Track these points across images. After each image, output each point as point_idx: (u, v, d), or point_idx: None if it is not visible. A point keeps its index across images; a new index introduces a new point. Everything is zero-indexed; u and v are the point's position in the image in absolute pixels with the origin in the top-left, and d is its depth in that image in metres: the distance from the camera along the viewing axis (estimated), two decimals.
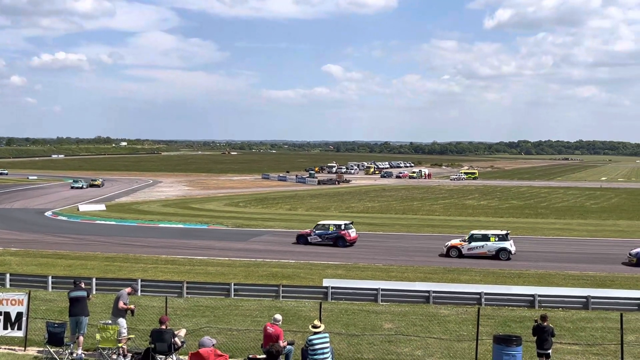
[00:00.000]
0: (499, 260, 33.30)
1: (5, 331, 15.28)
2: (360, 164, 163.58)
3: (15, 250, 35.41)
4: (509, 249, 34.18)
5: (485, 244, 34.74)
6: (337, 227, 39.57)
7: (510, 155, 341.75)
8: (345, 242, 38.66)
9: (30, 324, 15.57)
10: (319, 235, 39.47)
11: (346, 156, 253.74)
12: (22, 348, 15.22)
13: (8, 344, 15.41)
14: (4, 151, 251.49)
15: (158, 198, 78.21)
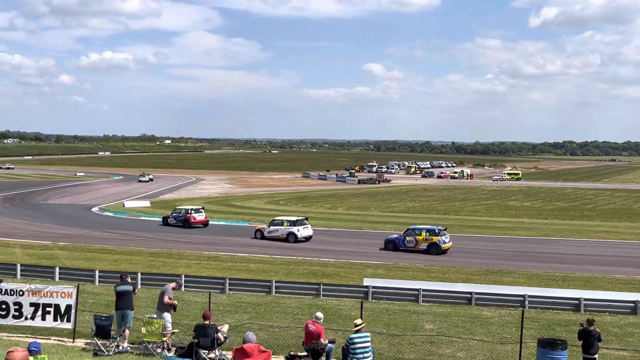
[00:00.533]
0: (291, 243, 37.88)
1: (55, 323, 15.72)
2: (401, 163, 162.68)
3: (64, 244, 36.36)
4: (296, 233, 39.34)
5: (279, 228, 40.12)
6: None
7: (555, 155, 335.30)
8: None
9: (78, 317, 15.97)
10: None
11: (387, 155, 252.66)
12: (71, 340, 15.63)
13: (58, 335, 15.85)
14: (53, 148, 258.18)
15: (201, 195, 79.20)
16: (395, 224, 49.58)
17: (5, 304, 15.81)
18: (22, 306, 15.79)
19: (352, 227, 47.58)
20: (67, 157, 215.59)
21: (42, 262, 29.05)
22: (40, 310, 15.73)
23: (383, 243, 37.30)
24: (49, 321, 15.75)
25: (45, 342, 14.23)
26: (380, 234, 43.84)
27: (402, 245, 36.35)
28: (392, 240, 37.09)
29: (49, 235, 40.32)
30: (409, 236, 36.31)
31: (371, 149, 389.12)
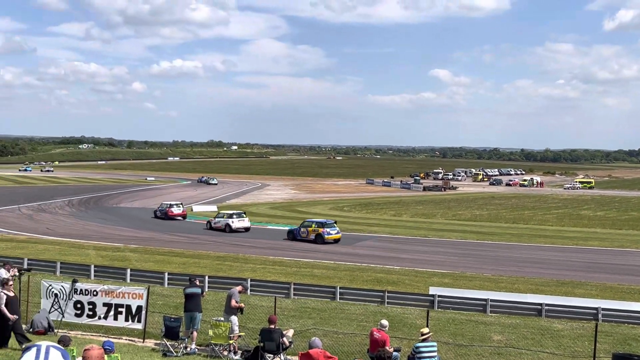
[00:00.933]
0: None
1: (127, 323, 16.17)
2: (468, 170, 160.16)
3: (135, 247, 37.45)
4: (230, 224, 46.14)
5: (220, 220, 47.40)
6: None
7: (630, 164, 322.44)
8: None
9: (148, 318, 16.36)
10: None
11: (453, 162, 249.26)
12: (141, 340, 16.03)
13: (129, 335, 16.29)
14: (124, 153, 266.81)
15: (266, 200, 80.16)
16: (462, 232, 48.82)
17: (80, 303, 16.37)
18: (95, 306, 16.30)
19: (417, 234, 47.10)
20: (138, 162, 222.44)
21: (114, 263, 29.96)
22: (112, 310, 16.20)
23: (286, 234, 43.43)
24: (120, 321, 16.20)
25: (117, 342, 14.63)
26: (447, 242, 43.30)
27: (298, 236, 41.98)
28: (292, 231, 43.06)
29: (121, 238, 41.61)
30: (303, 227, 42.02)
31: (437, 156, 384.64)
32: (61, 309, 16.33)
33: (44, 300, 16.54)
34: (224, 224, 46.80)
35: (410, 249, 39.45)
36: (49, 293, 16.56)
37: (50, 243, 38.21)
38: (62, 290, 16.46)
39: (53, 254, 32.76)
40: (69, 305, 16.38)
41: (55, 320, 16.21)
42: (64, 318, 16.34)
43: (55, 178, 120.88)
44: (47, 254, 32.34)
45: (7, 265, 16.75)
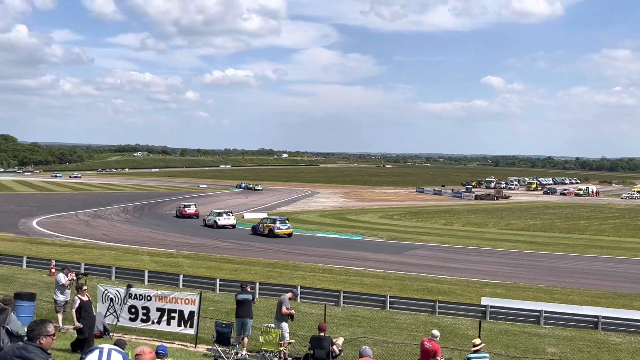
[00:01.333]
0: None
1: (179, 328, 16.44)
2: (521, 179, 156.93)
3: (187, 253, 38.07)
4: (217, 221, 54.22)
5: (210, 217, 55.85)
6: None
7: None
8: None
9: (200, 323, 16.60)
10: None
11: (505, 171, 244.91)
12: (193, 345, 16.27)
13: (181, 340, 16.56)
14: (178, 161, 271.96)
15: (316, 208, 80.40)
16: (515, 241, 47.95)
17: (134, 307, 16.74)
18: (149, 310, 16.64)
19: (468, 244, 46.48)
20: (190, 169, 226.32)
21: (167, 269, 30.52)
22: (165, 315, 16.50)
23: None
24: (173, 326, 16.48)
25: (169, 346, 14.88)
26: (499, 252, 42.60)
27: (258, 231, 49.48)
28: (255, 226, 50.91)
29: (174, 244, 42.37)
30: (261, 224, 50.04)
31: (489, 164, 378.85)
32: (116, 313, 16.73)
33: (100, 304, 16.96)
34: (212, 221, 54.84)
35: (461, 259, 38.94)
36: (105, 297, 16.98)
37: (106, 248, 39.21)
38: (117, 294, 16.87)
39: (109, 259, 33.60)
40: (123, 310, 16.76)
41: (110, 324, 16.61)
42: (119, 322, 16.73)
43: (111, 185, 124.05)
44: (103, 259, 33.19)
45: (66, 269, 17.27)
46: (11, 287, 22.17)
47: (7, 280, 25.05)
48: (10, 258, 31.62)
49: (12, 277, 26.45)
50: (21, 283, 24.66)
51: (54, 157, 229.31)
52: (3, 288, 21.21)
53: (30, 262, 30.49)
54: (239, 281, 23.31)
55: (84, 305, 14.34)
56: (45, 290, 21.05)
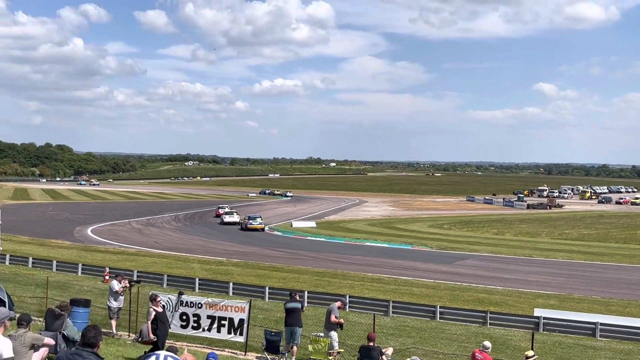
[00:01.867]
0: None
1: (229, 335, 16.57)
2: (575, 187, 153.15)
3: (237, 261, 38.45)
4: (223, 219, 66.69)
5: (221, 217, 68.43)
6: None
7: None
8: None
9: (250, 331, 16.69)
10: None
11: (558, 179, 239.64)
12: (243, 353, 16.37)
13: (231, 347, 16.68)
14: (227, 170, 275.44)
15: (364, 217, 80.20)
16: (569, 251, 46.82)
17: (185, 315, 16.96)
18: (200, 318, 16.82)
19: (520, 254, 45.57)
20: (240, 178, 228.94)
21: (217, 277, 30.87)
22: (216, 323, 16.65)
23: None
24: (223, 333, 16.62)
25: (220, 354, 15.04)
26: (552, 262, 41.66)
27: (244, 226, 60.09)
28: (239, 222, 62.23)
29: (224, 252, 42.87)
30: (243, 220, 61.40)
31: (541, 173, 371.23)
32: (168, 320, 16.97)
33: None
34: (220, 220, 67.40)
35: (513, 269, 38.21)
36: None
37: (157, 256, 39.95)
38: (169, 302, 17.10)
39: (160, 266, 34.22)
40: (175, 317, 16.97)
41: None
42: (170, 329, 16.96)
43: (162, 194, 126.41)
44: (155, 267, 33.82)
45: (119, 276, 17.62)
46: (67, 293, 22.81)
47: (64, 286, 25.75)
48: (67, 265, 32.57)
49: (68, 283, 27.20)
50: (77, 289, 25.34)
51: (107, 167, 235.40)
52: (59, 294, 21.81)
53: (85, 269, 31.32)
54: (288, 289, 23.41)
55: (159, 316, 14.26)
56: (99, 297, 21.56)
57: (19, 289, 23.35)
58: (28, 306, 19.25)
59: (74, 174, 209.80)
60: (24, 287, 24.83)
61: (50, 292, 20.17)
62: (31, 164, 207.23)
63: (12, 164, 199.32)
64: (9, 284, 23.42)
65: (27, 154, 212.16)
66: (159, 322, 14.18)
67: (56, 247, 43.72)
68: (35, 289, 24.11)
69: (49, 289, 20.17)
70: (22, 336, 8.19)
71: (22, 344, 8.09)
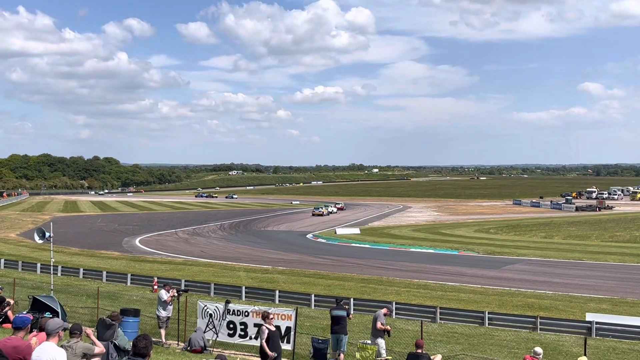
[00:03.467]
0: None
1: None
2: (625, 188, 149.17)
3: (282, 269, 38.60)
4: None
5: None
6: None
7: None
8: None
9: (297, 339, 16.70)
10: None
11: (608, 180, 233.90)
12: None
13: None
14: (271, 178, 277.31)
15: (408, 223, 79.63)
16: (620, 254, 45.59)
17: (232, 323, 17.07)
18: (247, 326, 16.90)
19: (570, 257, 44.54)
20: (283, 186, 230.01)
21: (263, 285, 31.04)
22: None
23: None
24: None
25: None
26: (603, 266, 40.64)
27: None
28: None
29: (269, 260, 43.08)
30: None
31: (589, 174, 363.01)
32: (215, 329, 17.12)
33: (200, 319, 17.41)
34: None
35: (563, 273, 37.37)
36: (204, 313, 17.42)
37: (204, 265, 40.39)
38: (217, 310, 17.26)
39: (207, 275, 34.59)
40: (222, 325, 17.11)
41: (209, 340, 17.02)
42: (218, 337, 17.10)
43: (208, 203, 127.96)
44: (202, 276, 34.21)
45: (167, 286, 17.86)
46: (117, 303, 23.24)
47: (114, 296, 26.25)
48: (116, 275, 33.23)
49: (118, 293, 27.72)
50: (126, 299, 25.80)
51: (153, 178, 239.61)
52: (110, 304, 22.24)
53: (134, 279, 31.89)
54: (333, 297, 23.33)
55: (272, 335, 13.68)
56: (148, 306, 21.90)
57: (71, 300, 23.90)
58: (80, 316, 19.68)
59: (122, 185, 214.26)
60: (76, 297, 25.41)
61: (101, 302, 20.60)
62: (80, 177, 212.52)
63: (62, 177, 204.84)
64: (62, 294, 24.02)
65: (76, 167, 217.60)
66: (271, 341, 13.46)
67: (106, 257, 44.64)
68: (86, 299, 24.64)
69: (100, 299, 20.59)
70: (73, 346, 8.36)
71: (74, 353, 8.26)
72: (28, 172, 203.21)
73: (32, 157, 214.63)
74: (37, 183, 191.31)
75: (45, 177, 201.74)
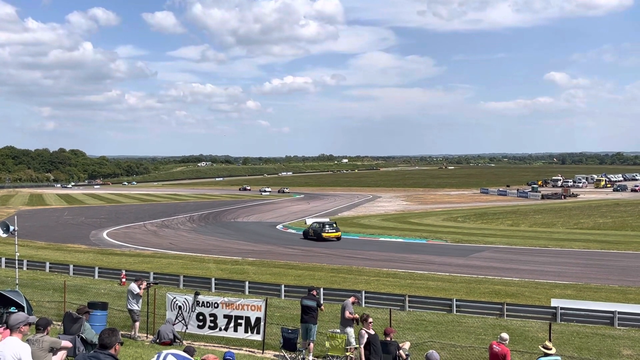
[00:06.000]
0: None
1: (246, 334, 16.62)
2: (589, 176, 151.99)
3: (252, 260, 38.55)
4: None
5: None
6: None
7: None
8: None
9: (267, 329, 16.74)
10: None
11: (572, 169, 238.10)
12: (261, 351, 16.41)
13: (248, 346, 16.73)
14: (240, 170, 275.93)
15: (378, 212, 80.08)
16: (585, 241, 46.51)
17: (202, 315, 17.03)
18: (216, 317, 16.88)
19: (536, 244, 45.32)
20: (253, 177, 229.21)
21: (233, 276, 30.98)
22: (232, 322, 16.70)
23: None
24: (240, 332, 16.67)
25: (237, 352, 15.09)
26: (568, 252, 41.40)
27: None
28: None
29: (239, 251, 42.98)
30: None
31: (555, 162, 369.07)
32: (185, 321, 17.06)
33: (169, 312, 17.33)
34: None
35: (529, 260, 38.02)
36: (174, 305, 17.34)
37: (173, 257, 40.13)
38: (186, 302, 17.20)
39: (176, 267, 34.38)
40: (192, 317, 17.06)
41: (179, 332, 16.95)
42: (187, 329, 17.05)
43: (176, 195, 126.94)
44: (171, 268, 33.99)
45: (139, 280, 17.66)
46: (85, 296, 22.98)
47: (81, 290, 25.96)
48: (83, 269, 32.83)
49: (85, 287, 27.40)
50: (94, 293, 25.52)
51: (121, 170, 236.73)
52: (77, 298, 22.00)
53: (102, 272, 31.56)
54: (303, 287, 23.43)
55: (372, 339, 13.19)
56: (116, 300, 21.71)
57: (37, 294, 23.55)
58: (46, 310, 19.41)
59: (88, 178, 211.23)
60: (42, 291, 25.05)
61: (68, 296, 20.33)
62: (46, 170, 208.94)
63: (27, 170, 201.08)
64: (27, 289, 23.67)
65: (41, 160, 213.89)
66: (372, 346, 12.95)
67: (73, 251, 44.05)
68: (53, 293, 24.31)
69: (67, 293, 20.32)
70: (40, 340, 8.26)
71: (40, 348, 8.17)
72: None
73: None
74: (1, 176, 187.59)
75: (9, 170, 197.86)
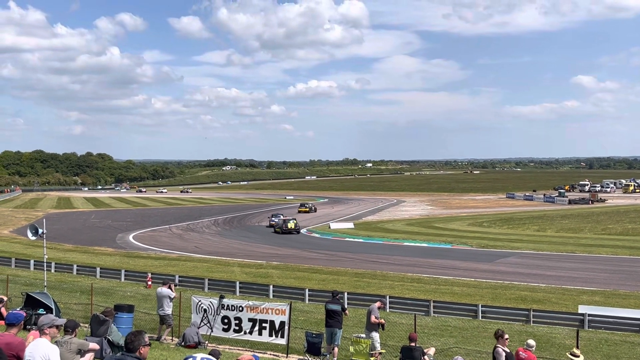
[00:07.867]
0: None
1: (270, 338, 16.66)
2: (618, 181, 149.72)
3: (277, 264, 38.64)
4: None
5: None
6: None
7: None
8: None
9: (291, 333, 16.74)
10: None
11: (600, 173, 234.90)
12: (285, 355, 16.43)
13: (273, 350, 16.77)
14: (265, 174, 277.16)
15: (402, 217, 79.76)
16: (613, 247, 45.81)
17: (227, 318, 17.11)
18: (241, 321, 16.95)
19: (563, 250, 44.73)
20: (277, 181, 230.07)
21: (257, 280, 31.07)
22: (257, 326, 16.76)
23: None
24: (264, 336, 16.71)
25: (261, 356, 15.12)
26: (596, 258, 40.81)
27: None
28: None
29: (263, 255, 43.11)
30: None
31: (582, 167, 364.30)
32: (210, 324, 17.16)
33: (194, 315, 17.44)
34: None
35: (556, 266, 37.54)
36: (199, 308, 17.45)
37: (198, 261, 40.40)
38: (211, 305, 17.29)
39: (201, 271, 34.59)
40: (217, 320, 17.15)
41: (204, 335, 17.05)
42: (212, 332, 17.14)
43: (202, 199, 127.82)
44: (196, 271, 34.20)
45: (168, 283, 17.71)
46: (111, 299, 23.24)
47: (107, 292, 26.24)
48: (110, 272, 33.23)
49: (112, 289, 27.70)
50: (120, 295, 25.79)
51: (147, 174, 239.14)
52: (104, 300, 22.25)
53: (128, 275, 31.89)
54: (327, 291, 23.38)
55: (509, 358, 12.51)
56: (142, 302, 21.92)
57: (65, 296, 23.86)
58: (74, 312, 19.67)
59: (115, 181, 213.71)
60: (70, 294, 25.38)
61: (95, 298, 20.59)
62: (73, 173, 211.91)
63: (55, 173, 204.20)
64: (55, 291, 23.99)
65: (69, 164, 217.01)
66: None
67: (99, 254, 44.58)
68: (80, 295, 24.62)
69: (94, 295, 20.58)
70: (68, 342, 8.36)
71: (68, 349, 8.26)
72: (21, 168, 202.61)
73: (25, 154, 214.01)
74: (30, 180, 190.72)
75: (38, 173, 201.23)
